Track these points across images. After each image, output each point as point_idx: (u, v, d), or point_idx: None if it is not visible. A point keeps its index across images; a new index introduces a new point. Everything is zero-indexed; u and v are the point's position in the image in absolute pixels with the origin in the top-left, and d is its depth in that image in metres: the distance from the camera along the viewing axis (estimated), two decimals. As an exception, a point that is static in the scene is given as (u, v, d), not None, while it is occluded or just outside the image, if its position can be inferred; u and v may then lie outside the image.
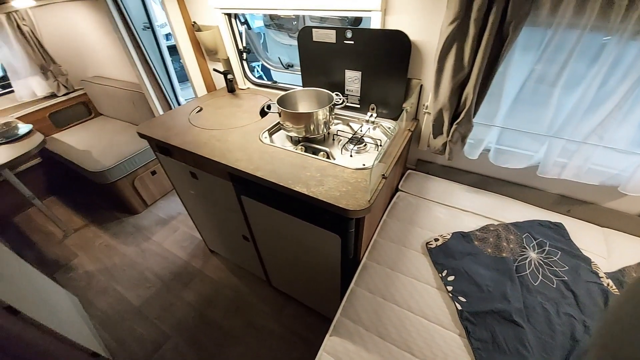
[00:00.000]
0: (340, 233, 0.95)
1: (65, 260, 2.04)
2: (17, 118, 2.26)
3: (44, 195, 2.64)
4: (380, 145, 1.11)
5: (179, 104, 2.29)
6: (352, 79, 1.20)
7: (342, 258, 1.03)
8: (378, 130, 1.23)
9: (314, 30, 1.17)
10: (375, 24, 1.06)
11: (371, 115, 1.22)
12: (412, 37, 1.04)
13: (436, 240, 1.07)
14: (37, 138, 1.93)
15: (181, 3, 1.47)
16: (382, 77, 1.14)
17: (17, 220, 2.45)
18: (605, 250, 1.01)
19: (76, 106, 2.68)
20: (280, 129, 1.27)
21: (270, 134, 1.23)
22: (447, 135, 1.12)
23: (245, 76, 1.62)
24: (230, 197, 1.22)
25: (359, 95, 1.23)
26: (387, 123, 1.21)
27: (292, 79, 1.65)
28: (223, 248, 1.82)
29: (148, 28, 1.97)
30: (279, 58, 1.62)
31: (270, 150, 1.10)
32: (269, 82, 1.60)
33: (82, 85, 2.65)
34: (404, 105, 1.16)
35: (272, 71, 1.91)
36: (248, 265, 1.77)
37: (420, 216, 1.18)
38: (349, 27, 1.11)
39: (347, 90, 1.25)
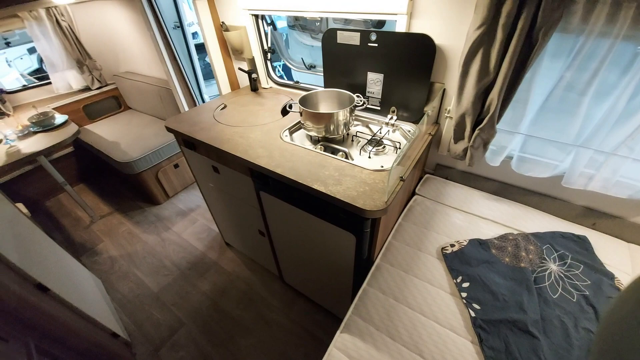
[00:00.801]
0: (356, 232, 0.96)
1: (91, 245, 2.16)
2: (53, 109, 2.42)
3: (74, 182, 2.80)
4: (399, 148, 1.12)
5: (203, 101, 2.37)
6: (374, 81, 1.21)
7: (356, 258, 1.05)
8: (397, 133, 1.23)
9: (338, 32, 1.19)
10: (401, 27, 1.07)
11: (391, 118, 1.23)
12: (437, 40, 1.04)
13: (452, 246, 1.06)
14: (72, 128, 2.05)
15: (211, 4, 1.53)
16: (404, 80, 1.15)
17: (48, 204, 2.61)
18: (630, 267, 0.98)
19: (108, 99, 2.83)
20: (301, 128, 1.29)
21: (291, 133, 1.26)
22: (469, 141, 1.11)
23: (268, 75, 1.67)
24: (250, 192, 1.26)
25: (380, 97, 1.24)
26: (407, 126, 1.22)
27: (313, 79, 1.68)
28: (238, 241, 1.87)
29: (178, 27, 2.06)
30: (302, 59, 1.65)
31: (291, 148, 1.13)
32: (291, 82, 1.64)
33: (114, 80, 2.80)
34: (425, 109, 1.16)
35: (293, 71, 1.95)
36: (262, 260, 1.81)
37: (437, 221, 1.18)
38: (373, 29, 1.13)
39: (368, 92, 1.26)
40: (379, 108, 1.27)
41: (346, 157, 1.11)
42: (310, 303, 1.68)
